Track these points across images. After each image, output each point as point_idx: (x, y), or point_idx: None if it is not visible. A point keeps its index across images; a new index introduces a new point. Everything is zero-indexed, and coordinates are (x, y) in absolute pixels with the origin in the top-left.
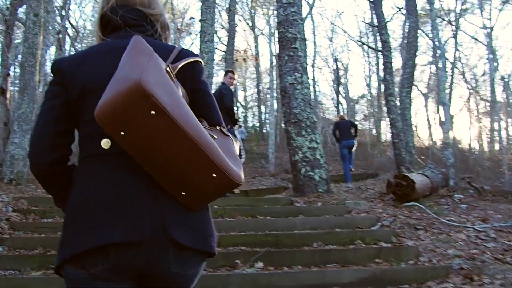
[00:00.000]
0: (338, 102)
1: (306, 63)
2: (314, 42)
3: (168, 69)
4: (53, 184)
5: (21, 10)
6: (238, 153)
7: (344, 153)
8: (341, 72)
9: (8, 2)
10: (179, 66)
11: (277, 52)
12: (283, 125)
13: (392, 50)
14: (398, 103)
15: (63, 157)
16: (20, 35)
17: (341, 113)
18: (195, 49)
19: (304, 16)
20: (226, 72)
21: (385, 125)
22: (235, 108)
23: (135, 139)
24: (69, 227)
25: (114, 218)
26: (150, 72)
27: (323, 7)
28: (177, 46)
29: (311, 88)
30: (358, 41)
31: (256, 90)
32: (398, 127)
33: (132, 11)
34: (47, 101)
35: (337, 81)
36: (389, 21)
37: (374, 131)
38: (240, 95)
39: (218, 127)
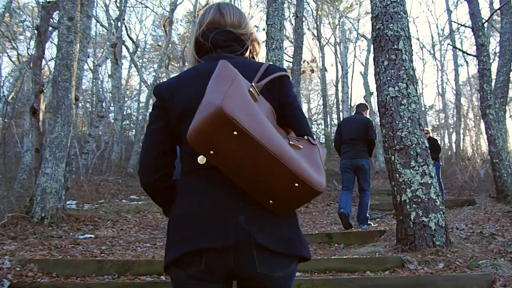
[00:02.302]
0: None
1: (413, 70)
2: None
3: (251, 89)
4: (160, 198)
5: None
6: (324, 160)
7: None
8: None
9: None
10: (263, 84)
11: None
12: (383, 153)
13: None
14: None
15: (167, 174)
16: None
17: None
18: (260, 60)
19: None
20: (366, 108)
21: (466, 138)
22: None
23: (223, 156)
24: (172, 235)
25: (205, 228)
26: (231, 96)
27: None
28: (265, 62)
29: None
30: (449, 44)
31: (321, 102)
32: (498, 144)
33: (222, 33)
34: (150, 124)
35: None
36: (486, 21)
37: (446, 142)
38: (304, 107)
39: (305, 137)
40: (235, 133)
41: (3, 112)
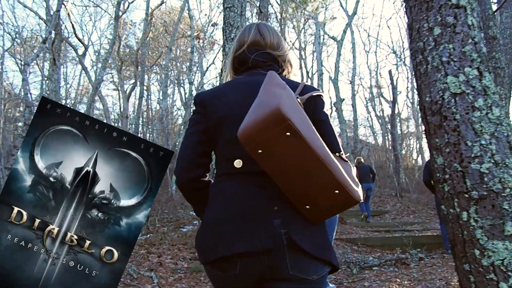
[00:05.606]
0: (393, 123)
1: (483, 43)
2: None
3: (298, 100)
4: (193, 196)
5: None
6: (355, 178)
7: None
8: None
9: None
10: (306, 98)
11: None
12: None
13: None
14: None
15: (201, 175)
16: None
17: (359, 157)
18: (218, 62)
19: (343, 29)
20: None
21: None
22: None
23: (270, 156)
24: (206, 237)
25: (242, 231)
26: (285, 99)
27: (362, 16)
28: (301, 82)
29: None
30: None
31: None
32: None
33: (262, 54)
34: (190, 127)
35: (393, 101)
36: (498, 8)
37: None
38: None
39: (337, 154)
40: (288, 134)
41: None
